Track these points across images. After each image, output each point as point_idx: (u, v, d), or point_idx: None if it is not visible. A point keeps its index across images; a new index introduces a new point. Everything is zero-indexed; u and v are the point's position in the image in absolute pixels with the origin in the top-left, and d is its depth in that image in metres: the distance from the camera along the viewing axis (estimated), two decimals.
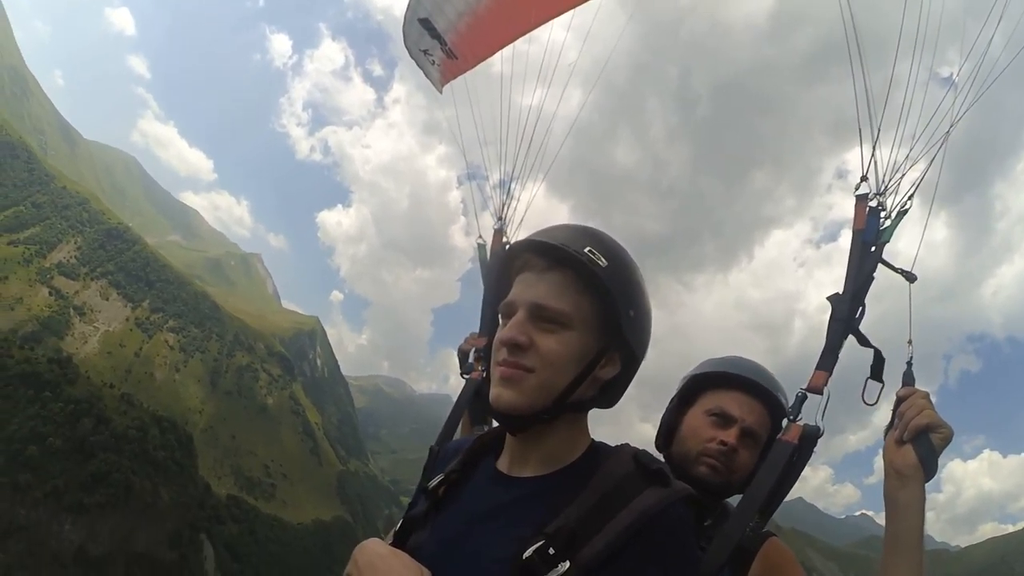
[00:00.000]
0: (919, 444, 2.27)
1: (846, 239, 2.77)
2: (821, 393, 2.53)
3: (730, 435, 2.72)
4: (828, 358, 2.58)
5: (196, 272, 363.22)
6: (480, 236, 3.88)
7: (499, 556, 1.62)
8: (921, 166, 2.71)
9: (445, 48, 4.40)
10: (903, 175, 2.70)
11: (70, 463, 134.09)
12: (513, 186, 3.90)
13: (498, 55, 4.24)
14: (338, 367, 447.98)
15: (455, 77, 4.50)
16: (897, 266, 2.68)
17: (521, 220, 3.88)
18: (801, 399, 2.55)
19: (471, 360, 3.53)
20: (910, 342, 2.56)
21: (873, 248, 2.66)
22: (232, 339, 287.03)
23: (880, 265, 2.66)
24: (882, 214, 2.68)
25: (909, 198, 2.68)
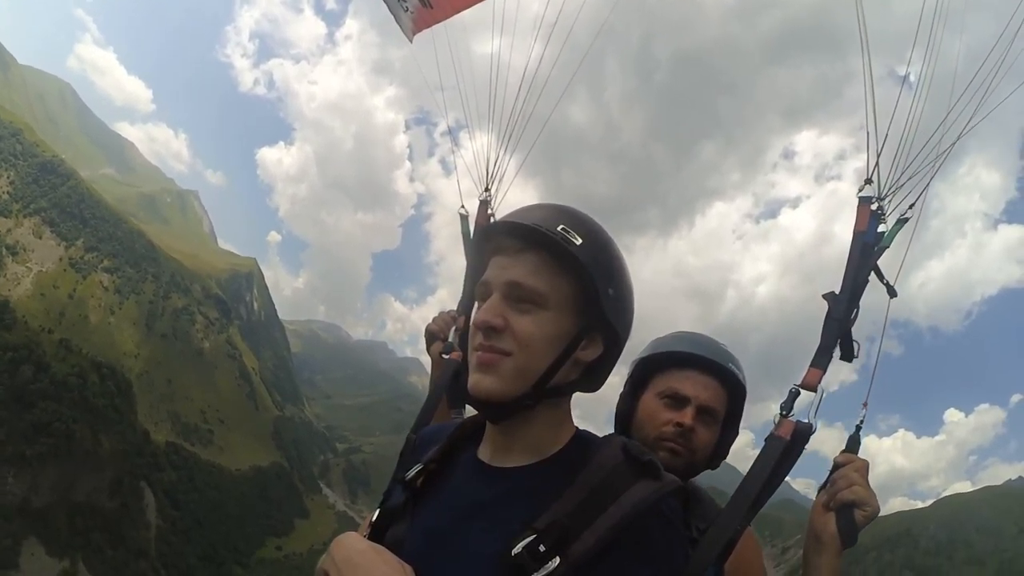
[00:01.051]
0: (842, 517, 2.30)
1: (785, 217, 2.31)
2: (815, 391, 2.51)
3: (685, 416, 2.63)
4: (823, 356, 2.56)
5: (130, 209, 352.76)
6: (463, 207, 3.63)
7: (487, 552, 1.57)
8: (925, 176, 2.72)
9: None
10: (906, 181, 2.69)
11: (10, 413, 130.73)
12: (501, 155, 3.67)
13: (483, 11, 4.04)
14: (275, 311, 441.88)
15: (428, 27, 4.29)
16: (885, 279, 2.70)
17: (507, 191, 3.67)
18: (794, 395, 2.52)
19: (451, 339, 3.32)
20: (865, 405, 2.61)
21: (875, 249, 2.65)
22: (168, 280, 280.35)
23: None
24: (881, 218, 2.68)
25: (910, 207, 2.68)
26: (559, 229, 1.71)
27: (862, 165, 2.69)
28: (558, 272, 1.73)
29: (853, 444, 2.54)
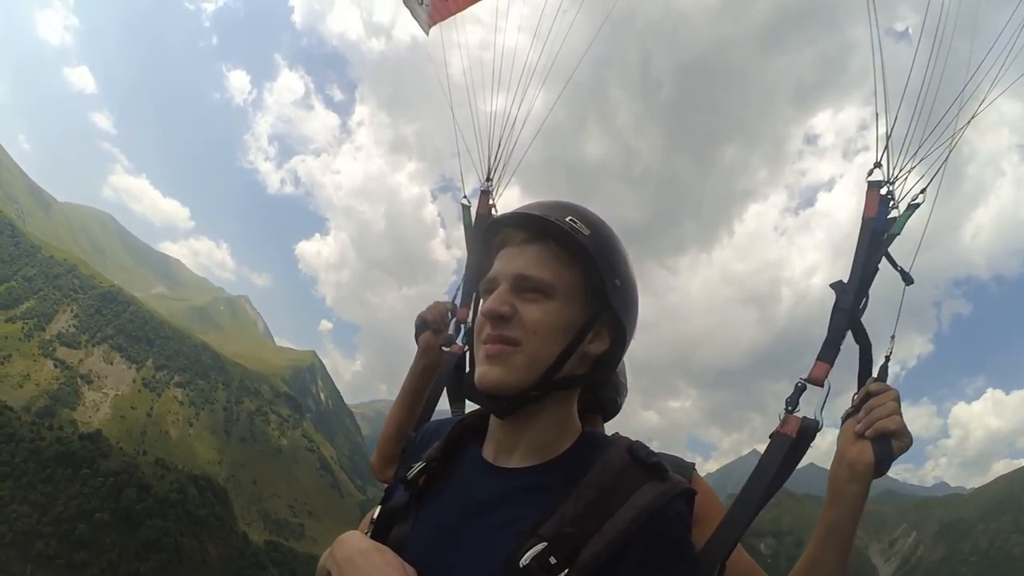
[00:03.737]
0: (880, 446, 2.17)
1: (823, 202, 3.28)
2: (822, 385, 2.40)
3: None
4: (830, 349, 2.45)
5: (185, 322, 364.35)
6: (465, 197, 3.58)
7: (494, 554, 1.50)
8: (937, 157, 2.58)
9: None
10: (916, 164, 2.57)
11: (119, 534, 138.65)
12: (502, 144, 3.57)
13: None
14: (340, 398, 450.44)
15: (444, 19, 4.24)
16: (899, 265, 2.56)
17: (509, 181, 3.60)
18: (800, 389, 2.39)
19: (451, 331, 3.34)
20: (893, 337, 2.46)
21: (884, 237, 2.54)
22: (238, 386, 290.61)
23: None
24: (891, 204, 2.57)
25: (922, 192, 2.55)
26: (567, 220, 1.70)
27: (932, 166, 2.56)
28: (565, 262, 1.71)
29: (883, 373, 2.36)
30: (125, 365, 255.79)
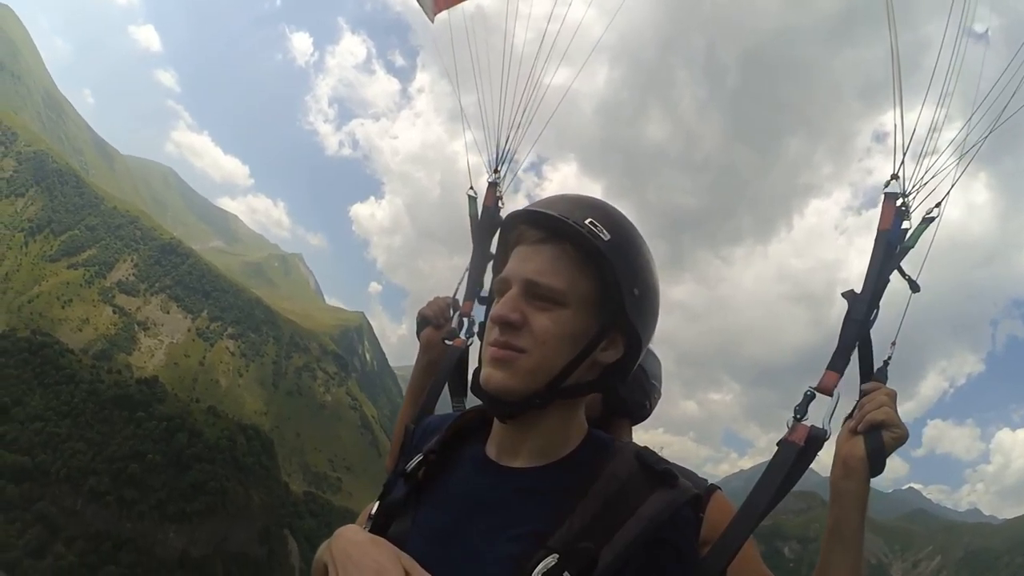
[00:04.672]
0: (870, 439, 2.19)
1: (923, 187, 2.44)
2: (831, 395, 2.35)
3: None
4: (840, 359, 2.41)
5: (240, 277, 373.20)
6: (472, 188, 3.42)
7: (498, 557, 1.51)
8: (954, 172, 2.56)
9: None
10: (933, 176, 2.55)
11: (168, 476, 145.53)
12: (511, 135, 3.45)
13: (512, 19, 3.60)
14: (386, 360, 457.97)
15: (449, 6, 4.01)
16: (908, 275, 2.54)
17: (516, 173, 3.49)
18: (809, 398, 2.35)
19: (454, 325, 3.27)
20: (894, 344, 2.44)
21: (898, 250, 2.51)
22: (288, 341, 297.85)
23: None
24: (905, 217, 2.53)
25: (937, 205, 2.52)
26: (587, 222, 1.63)
27: (954, 136, 2.58)
28: (581, 267, 1.65)
29: (881, 375, 2.39)
30: (181, 315, 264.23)
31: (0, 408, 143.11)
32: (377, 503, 1.81)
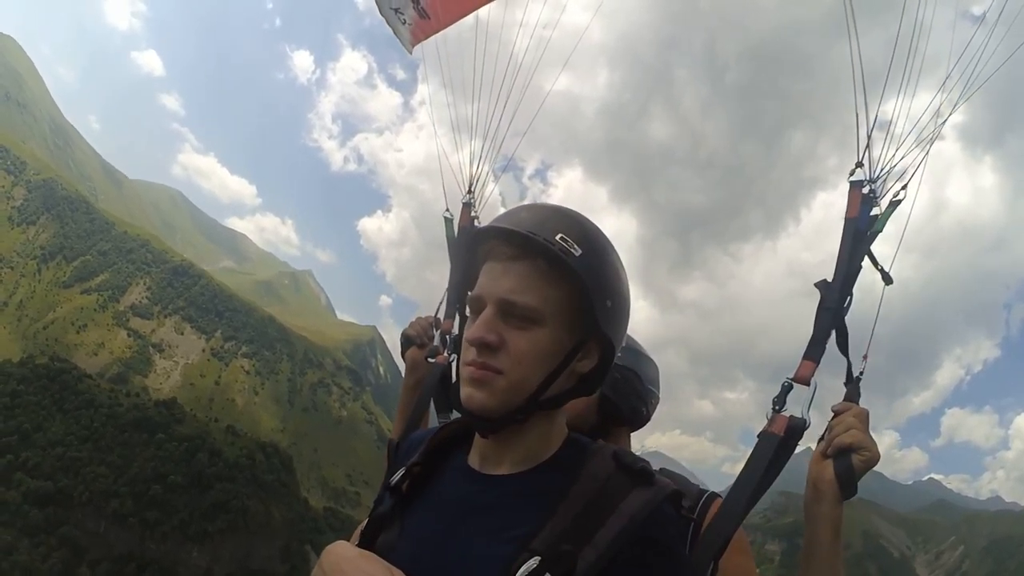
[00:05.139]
0: (838, 463, 2.21)
1: (890, 172, 2.39)
2: (808, 384, 2.37)
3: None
4: (815, 348, 2.42)
5: (251, 296, 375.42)
6: (447, 209, 3.52)
7: (483, 564, 1.51)
8: (918, 153, 2.58)
9: (418, 7, 4.15)
10: (898, 162, 2.56)
11: (190, 496, 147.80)
12: (484, 156, 3.52)
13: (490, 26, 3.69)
14: (399, 372, 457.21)
15: (427, 37, 4.14)
16: (880, 264, 2.55)
17: (490, 194, 3.55)
18: (787, 389, 2.37)
19: (436, 343, 3.29)
20: (865, 357, 2.45)
21: (867, 235, 2.53)
22: (302, 358, 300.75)
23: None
24: (873, 202, 2.56)
25: (903, 187, 2.53)
26: (558, 238, 1.61)
27: (960, 119, 4.08)
28: (553, 282, 1.64)
29: (853, 394, 2.40)
30: (195, 335, 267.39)
31: (21, 434, 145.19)
32: (367, 519, 1.83)
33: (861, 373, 2.44)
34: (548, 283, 1.64)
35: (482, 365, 1.62)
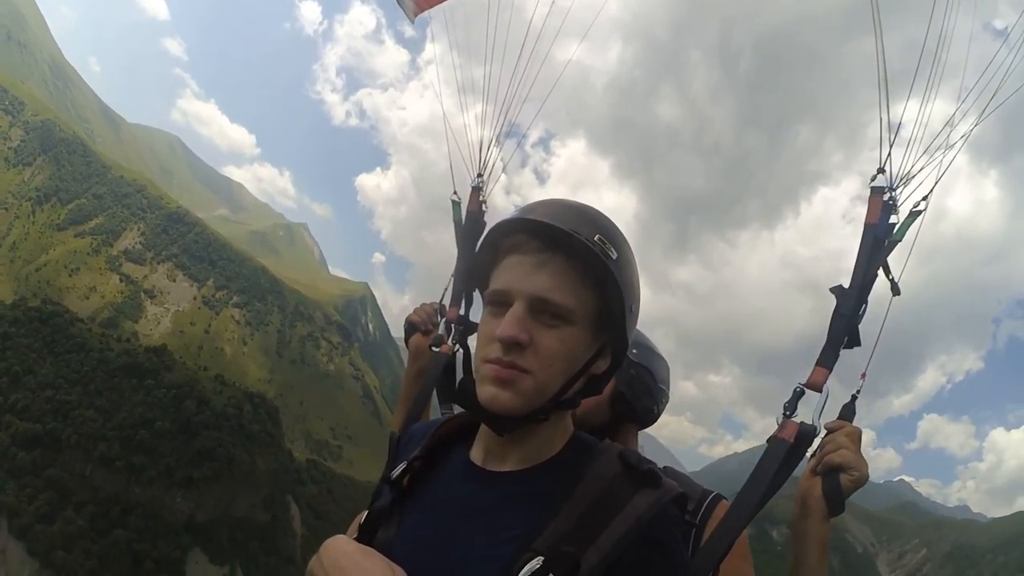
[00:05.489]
0: (827, 481, 2.23)
1: (911, 181, 2.35)
2: (820, 391, 2.32)
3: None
4: (829, 354, 2.37)
5: (244, 246, 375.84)
6: (455, 192, 3.36)
7: (484, 564, 1.49)
8: (939, 164, 2.52)
9: None
10: (918, 172, 2.50)
11: (177, 443, 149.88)
12: (496, 138, 3.35)
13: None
14: (388, 330, 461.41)
15: (431, 7, 3.96)
16: (891, 275, 2.49)
17: (499, 177, 3.38)
18: (798, 394, 2.32)
19: (441, 332, 3.18)
20: (863, 376, 2.44)
21: (886, 243, 2.48)
22: (293, 311, 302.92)
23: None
24: (893, 210, 2.49)
25: (924, 199, 2.48)
26: (597, 239, 1.58)
27: (940, 129, 2.53)
28: (585, 285, 1.61)
29: (848, 412, 2.40)
30: (187, 283, 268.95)
31: (12, 376, 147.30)
32: (366, 512, 1.79)
33: (858, 392, 2.44)
34: (579, 284, 1.61)
35: (509, 364, 1.57)
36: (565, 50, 3.76)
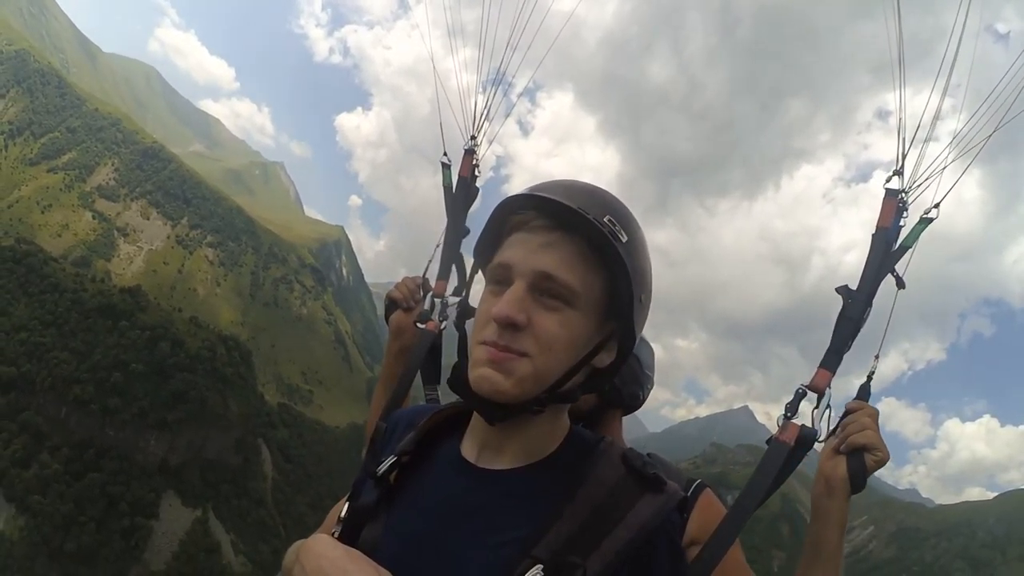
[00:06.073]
0: (853, 460, 2.21)
1: (877, 181, 2.71)
2: (823, 393, 2.33)
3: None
4: (833, 357, 2.37)
5: (219, 183, 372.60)
6: (445, 154, 3.15)
7: (481, 566, 1.42)
8: (955, 172, 2.46)
9: None
10: (936, 175, 2.46)
11: (151, 385, 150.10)
12: (490, 97, 3.14)
13: None
14: (362, 275, 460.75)
15: None
16: (897, 272, 2.47)
17: (493, 141, 3.20)
18: (800, 396, 2.32)
19: (426, 307, 3.07)
20: (876, 357, 2.43)
21: (897, 248, 2.46)
22: (267, 252, 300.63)
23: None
24: (904, 214, 2.46)
25: (935, 206, 2.43)
26: (607, 220, 1.49)
27: (956, 127, 2.46)
28: (594, 268, 1.52)
29: (864, 393, 2.38)
30: (161, 221, 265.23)
31: None
32: (346, 505, 1.69)
33: (872, 372, 2.42)
34: (588, 267, 1.52)
35: (504, 347, 1.48)
36: (562, 1, 3.66)
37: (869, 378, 2.41)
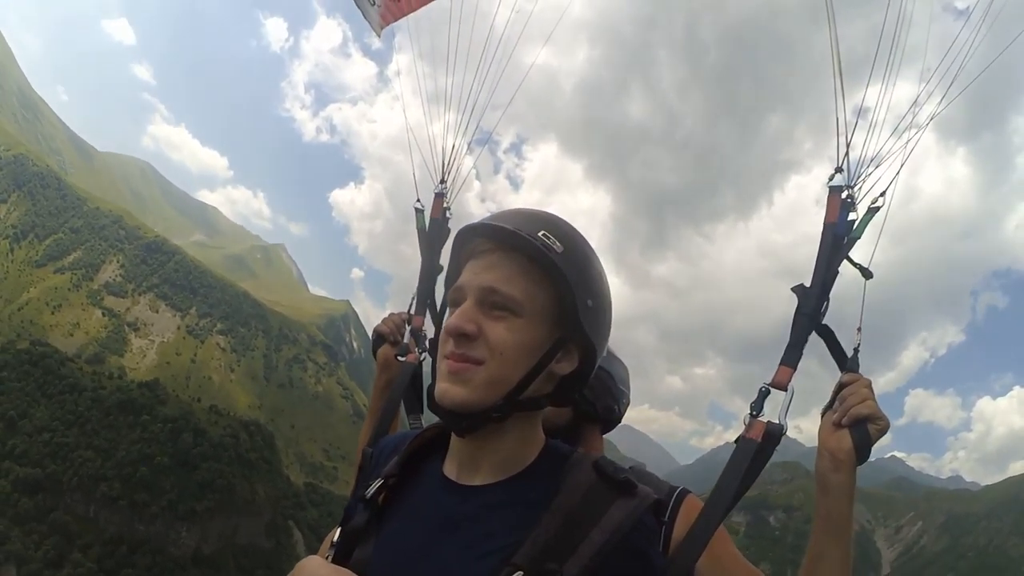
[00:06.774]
0: (856, 431, 2.21)
1: (868, 180, 2.42)
2: (785, 389, 2.34)
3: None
4: (793, 353, 2.41)
5: (222, 270, 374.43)
6: (418, 200, 3.36)
7: (463, 574, 1.49)
8: (896, 159, 2.53)
9: None
10: (877, 167, 2.52)
11: (177, 476, 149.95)
12: (460, 143, 3.34)
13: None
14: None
15: (396, 20, 3.98)
16: (857, 263, 2.51)
17: (464, 182, 3.39)
18: (764, 394, 2.35)
19: (406, 341, 3.17)
20: (859, 330, 2.44)
21: (845, 241, 2.50)
22: (277, 334, 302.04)
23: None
24: (851, 208, 2.52)
25: (882, 195, 2.50)
26: (540, 235, 1.60)
27: (936, 110, 2.50)
28: (536, 280, 1.62)
29: (854, 364, 2.38)
30: (170, 313, 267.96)
31: (7, 422, 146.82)
32: (339, 530, 1.74)
33: (859, 345, 2.46)
34: (530, 279, 1.62)
35: (460, 357, 1.58)
36: (532, 53, 3.84)
37: (856, 351, 2.43)
